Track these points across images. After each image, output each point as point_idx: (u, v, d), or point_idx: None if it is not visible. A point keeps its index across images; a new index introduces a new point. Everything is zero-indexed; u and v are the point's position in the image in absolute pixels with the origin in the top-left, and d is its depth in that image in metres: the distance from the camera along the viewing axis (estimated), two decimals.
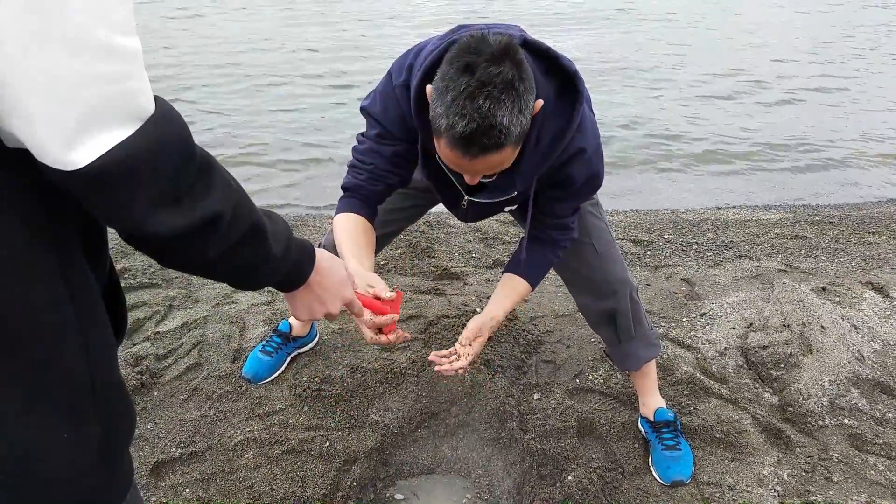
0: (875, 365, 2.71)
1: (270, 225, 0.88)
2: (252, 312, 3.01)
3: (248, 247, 0.83)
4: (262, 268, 0.88)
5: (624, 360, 2.28)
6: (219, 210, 0.75)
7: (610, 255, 2.13)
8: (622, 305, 2.15)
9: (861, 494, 2.13)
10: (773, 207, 5.05)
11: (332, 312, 1.08)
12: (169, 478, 2.12)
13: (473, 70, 1.30)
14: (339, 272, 1.08)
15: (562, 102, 1.55)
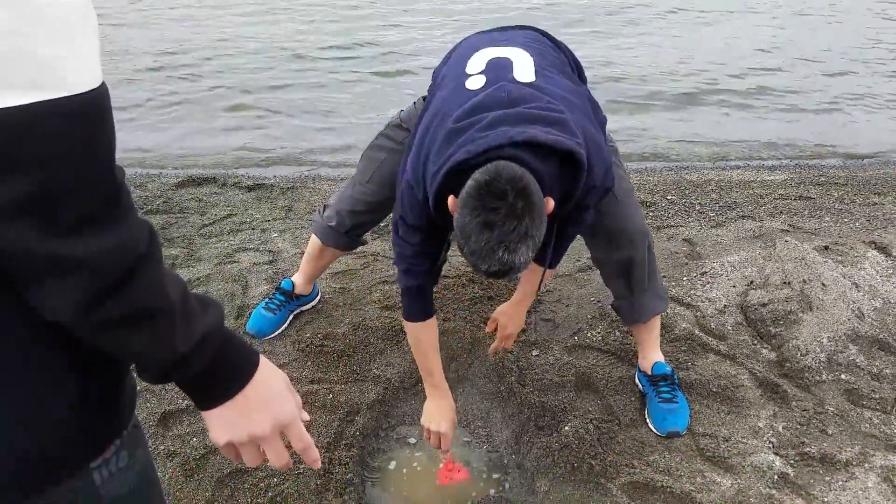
0: (875, 322, 2.72)
1: (182, 314, 0.74)
2: (254, 271, 3.04)
3: (130, 328, 0.70)
4: (146, 360, 0.75)
5: (634, 312, 2.29)
6: (104, 262, 0.65)
7: (629, 204, 2.14)
8: (639, 255, 2.16)
9: (855, 446, 2.16)
10: (778, 168, 5.02)
11: (259, 434, 0.84)
12: (176, 427, 2.17)
13: (492, 228, 1.45)
14: (273, 386, 0.86)
15: (565, 172, 1.65)
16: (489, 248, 1.46)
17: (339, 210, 2.45)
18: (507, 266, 1.48)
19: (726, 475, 2.05)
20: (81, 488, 0.80)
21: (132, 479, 0.85)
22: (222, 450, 0.87)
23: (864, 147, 5.59)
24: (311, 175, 4.54)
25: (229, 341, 0.82)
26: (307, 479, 1.99)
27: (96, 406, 0.79)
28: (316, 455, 0.92)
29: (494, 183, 1.46)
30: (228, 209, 3.75)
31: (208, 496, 1.94)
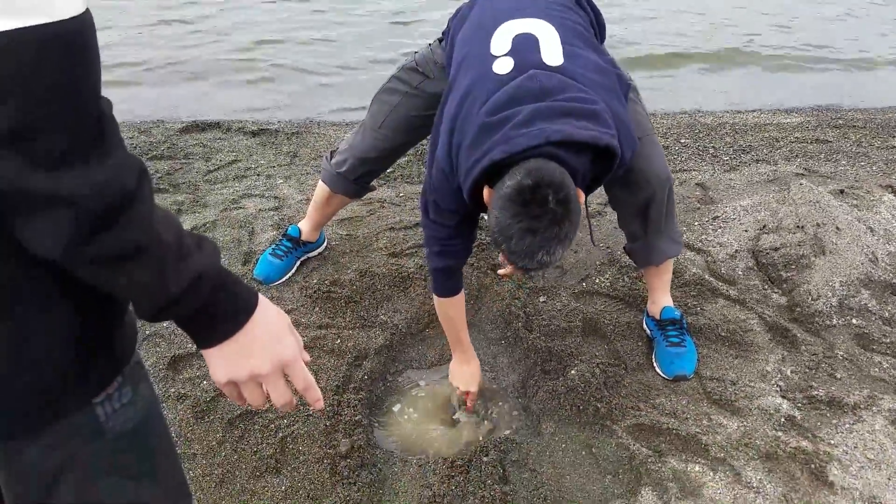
0: (888, 267, 2.68)
1: (176, 251, 0.73)
2: (260, 217, 3.03)
3: (121, 265, 0.69)
4: (140, 298, 0.74)
5: (648, 254, 2.26)
6: (87, 194, 0.63)
7: (650, 143, 2.10)
8: (658, 197, 2.12)
9: (863, 390, 2.15)
10: (794, 111, 4.91)
11: (260, 373, 0.84)
12: (186, 371, 2.20)
13: (535, 234, 1.50)
14: (275, 325, 0.86)
15: (598, 163, 1.68)
16: (530, 251, 1.52)
17: (349, 157, 2.42)
18: (543, 265, 1.57)
19: (732, 418, 2.06)
20: (85, 424, 0.80)
21: (136, 415, 0.85)
22: (223, 389, 0.87)
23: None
24: (317, 120, 4.48)
25: (226, 280, 0.81)
26: (316, 421, 2.02)
27: (96, 341, 0.79)
28: (318, 395, 0.92)
29: (538, 190, 1.49)
30: (233, 155, 3.72)
31: (219, 437, 1.97)
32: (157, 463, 0.92)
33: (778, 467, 1.87)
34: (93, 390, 0.80)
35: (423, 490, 1.83)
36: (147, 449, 0.89)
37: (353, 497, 1.78)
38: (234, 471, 1.89)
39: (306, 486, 1.84)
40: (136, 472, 0.87)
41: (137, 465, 0.87)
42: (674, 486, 1.84)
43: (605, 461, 1.92)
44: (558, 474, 1.89)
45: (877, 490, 1.80)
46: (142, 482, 0.88)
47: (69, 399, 0.78)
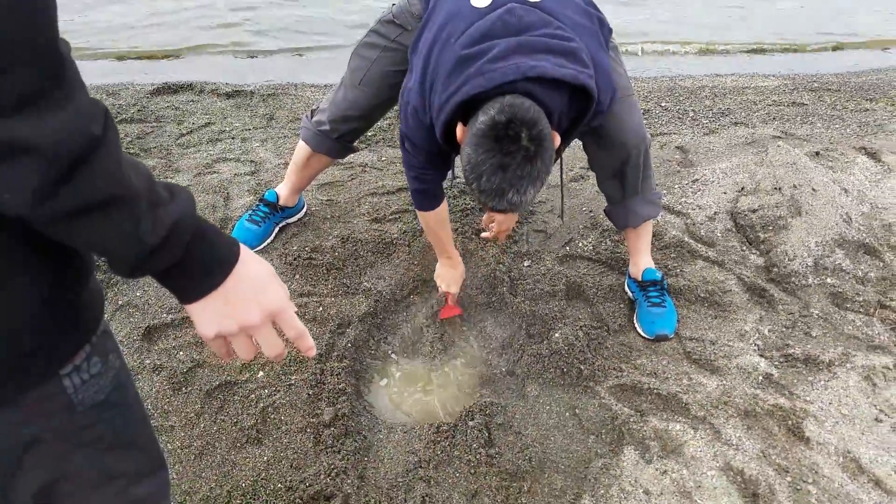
0: (861, 227, 2.72)
1: (149, 201, 0.69)
2: (236, 182, 2.97)
3: (93, 218, 0.65)
4: (116, 253, 0.70)
5: (625, 216, 2.26)
6: (51, 140, 0.59)
7: (628, 104, 2.08)
8: (634, 158, 2.12)
9: (838, 347, 2.19)
10: (771, 75, 4.91)
11: (248, 323, 0.81)
12: (161, 342, 2.16)
13: (506, 170, 1.47)
14: (259, 274, 0.82)
15: (574, 103, 1.66)
16: (500, 189, 1.50)
17: (330, 115, 2.36)
18: (514, 206, 1.53)
19: (712, 377, 2.09)
20: (53, 396, 0.77)
21: (107, 386, 0.83)
22: (211, 345, 0.84)
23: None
24: (294, 82, 4.37)
25: (205, 229, 0.77)
26: (299, 390, 2.01)
27: (60, 308, 0.75)
28: (311, 343, 0.89)
29: (511, 125, 1.46)
30: (206, 117, 3.63)
31: (197, 409, 1.95)
32: (131, 434, 0.89)
33: (756, 424, 1.91)
34: (59, 361, 0.77)
35: (408, 456, 1.84)
36: (119, 421, 0.86)
37: (337, 465, 1.78)
38: (214, 442, 1.87)
39: (289, 456, 1.83)
40: (109, 444, 0.85)
41: (110, 437, 0.85)
42: (655, 444, 1.86)
43: (588, 422, 1.94)
44: (543, 436, 1.90)
45: (851, 444, 1.85)
46: (115, 454, 0.86)
47: (34, 370, 0.75)
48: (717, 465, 1.80)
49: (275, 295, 0.83)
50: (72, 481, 0.82)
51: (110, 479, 0.86)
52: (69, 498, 0.83)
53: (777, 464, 1.79)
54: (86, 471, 0.83)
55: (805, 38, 5.70)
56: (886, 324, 2.29)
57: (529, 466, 1.80)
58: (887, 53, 5.53)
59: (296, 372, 2.07)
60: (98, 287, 0.84)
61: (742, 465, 1.79)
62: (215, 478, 1.78)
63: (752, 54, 5.42)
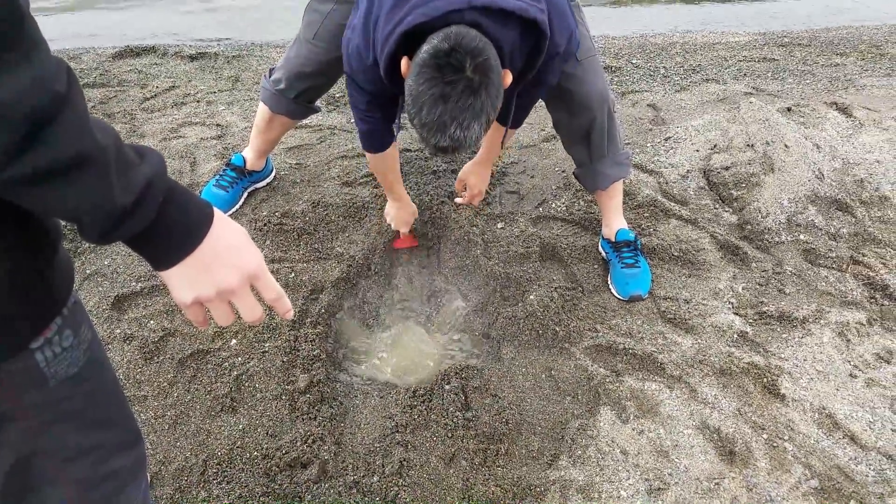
0: (834, 183, 2.73)
1: (118, 161, 0.66)
2: (202, 147, 2.89)
3: (61, 179, 0.61)
4: (87, 216, 0.66)
5: (594, 178, 2.25)
6: (16, 105, 0.56)
7: (590, 66, 2.04)
8: (598, 121, 2.09)
9: (811, 304, 2.21)
10: (742, 30, 4.89)
11: (227, 287, 0.79)
12: (131, 311, 2.11)
13: (447, 101, 1.39)
14: (234, 236, 0.80)
15: (526, 40, 1.57)
16: (441, 122, 1.42)
17: (286, 72, 2.28)
18: (457, 142, 1.44)
19: (687, 336, 2.10)
20: (25, 370, 0.75)
21: (79, 359, 0.81)
22: (188, 312, 0.81)
23: None
24: (259, 42, 4.24)
25: (176, 191, 0.74)
26: (273, 357, 1.97)
27: (28, 280, 0.72)
28: (288, 305, 0.87)
29: (454, 53, 1.39)
30: (170, 81, 3.51)
31: (170, 378, 1.91)
32: (105, 407, 0.88)
33: (732, 382, 1.93)
34: (29, 334, 0.74)
35: (385, 421, 1.82)
36: (93, 393, 0.85)
37: (314, 432, 1.76)
38: (187, 411, 1.84)
39: (265, 424, 1.81)
40: (84, 418, 0.84)
41: (85, 410, 0.83)
42: (631, 404, 1.87)
43: (564, 383, 1.94)
44: (519, 398, 1.90)
45: (826, 400, 1.87)
46: (91, 427, 0.85)
47: (4, 344, 0.72)
48: (694, 423, 1.81)
49: (252, 257, 0.81)
50: (47, 456, 0.81)
51: (86, 452, 0.85)
52: (45, 473, 0.82)
53: (753, 421, 1.81)
54: (60, 445, 0.82)
55: None
56: (859, 279, 2.32)
57: (506, 429, 1.80)
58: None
59: (269, 339, 2.04)
60: (67, 256, 0.80)
61: (718, 423, 1.81)
62: (190, 447, 1.75)
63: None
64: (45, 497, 0.82)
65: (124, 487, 0.90)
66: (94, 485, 0.86)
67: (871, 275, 2.32)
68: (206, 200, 0.79)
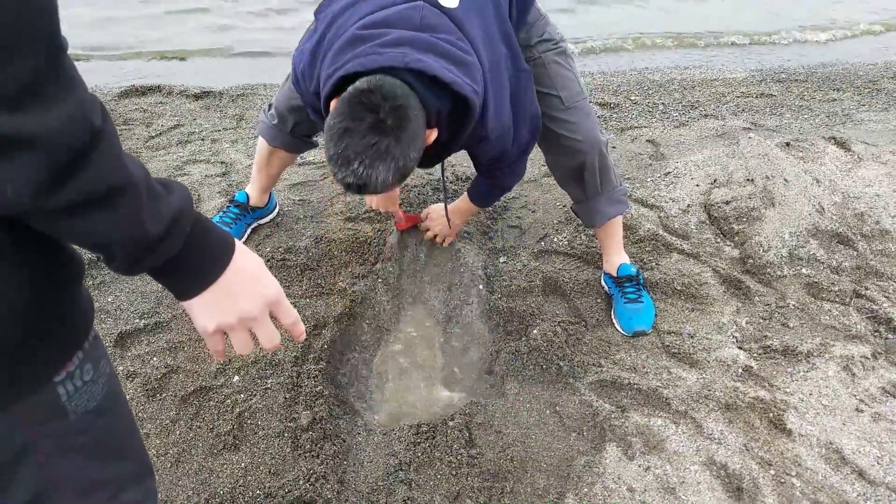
0: (834, 217, 2.75)
1: (148, 192, 0.68)
2: (207, 184, 2.91)
3: (95, 210, 0.64)
4: (119, 246, 0.68)
5: (590, 216, 2.27)
6: (54, 133, 0.58)
7: (579, 109, 2.08)
8: (590, 162, 2.12)
9: (815, 338, 2.21)
10: (739, 67, 4.96)
11: (249, 315, 0.81)
12: (135, 348, 2.10)
13: (352, 135, 1.39)
14: (254, 265, 0.83)
15: (456, 115, 1.60)
16: (345, 157, 1.41)
17: (280, 106, 2.31)
18: (361, 181, 1.43)
19: (692, 370, 2.09)
20: (47, 404, 0.76)
21: (98, 393, 0.82)
22: (209, 341, 0.83)
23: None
24: (263, 82, 4.30)
25: (201, 222, 0.77)
26: (275, 394, 1.96)
27: (52, 312, 0.73)
28: (303, 328, 0.91)
29: (370, 94, 1.40)
30: (175, 119, 3.55)
31: (172, 415, 1.90)
32: (121, 441, 0.89)
33: (738, 417, 1.91)
34: (53, 367, 0.75)
35: (388, 458, 1.81)
36: (110, 427, 0.86)
37: (316, 470, 1.75)
38: (190, 449, 1.82)
39: (267, 462, 1.79)
40: (101, 452, 0.85)
41: (101, 444, 0.84)
42: (637, 440, 1.85)
43: (569, 419, 1.93)
44: (524, 434, 1.88)
45: (833, 435, 1.86)
46: (106, 461, 0.86)
47: (28, 377, 0.73)
48: (700, 459, 1.80)
49: (272, 284, 0.84)
50: (63, 488, 0.81)
51: (100, 485, 0.85)
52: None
53: (760, 457, 1.79)
54: (76, 477, 0.82)
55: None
56: (862, 313, 2.31)
57: (511, 466, 1.78)
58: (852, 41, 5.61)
59: (272, 375, 2.03)
60: (87, 291, 0.82)
61: (725, 459, 1.79)
62: (192, 486, 1.73)
63: (721, 48, 5.45)
64: None
65: None
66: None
67: (875, 308, 2.32)
68: (226, 231, 0.81)
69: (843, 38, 5.83)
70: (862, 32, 5.97)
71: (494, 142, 1.76)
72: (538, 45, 2.06)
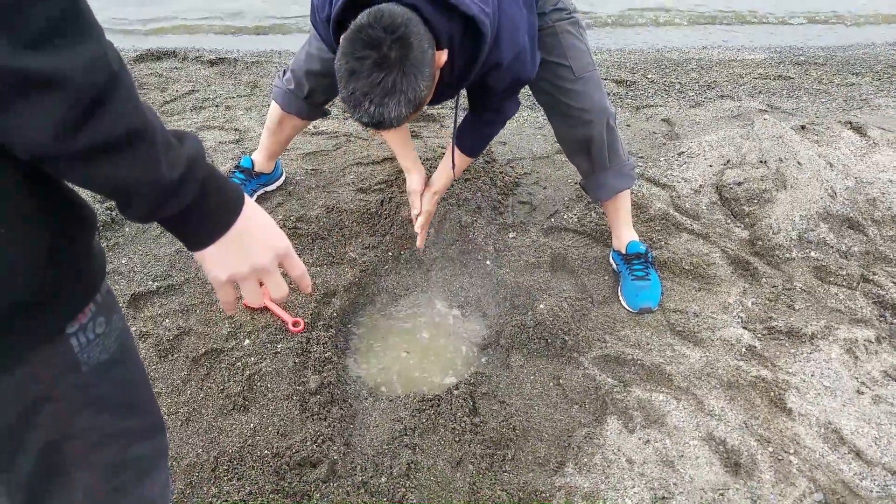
0: (846, 201, 2.74)
1: (163, 140, 0.70)
2: (220, 150, 2.94)
3: (115, 154, 0.65)
4: (137, 191, 0.69)
5: (597, 189, 2.29)
6: (77, 74, 0.59)
7: (588, 80, 2.09)
8: (597, 133, 2.13)
9: (820, 321, 2.22)
10: (758, 48, 4.90)
11: (260, 265, 0.83)
12: (147, 309, 2.14)
13: (358, 76, 1.40)
14: (264, 217, 0.85)
15: (468, 39, 1.60)
16: (355, 99, 1.43)
17: (296, 71, 2.31)
18: (376, 119, 1.45)
19: (695, 348, 2.11)
20: (60, 355, 0.77)
21: (111, 346, 0.83)
22: (220, 291, 0.85)
23: None
24: (278, 49, 4.30)
25: (213, 172, 0.78)
26: (285, 358, 2.00)
27: (67, 261, 0.75)
28: (309, 281, 0.93)
29: (368, 29, 1.41)
30: (190, 85, 3.57)
31: (184, 376, 1.94)
32: (133, 395, 0.90)
33: (739, 395, 1.94)
34: (66, 316, 0.77)
35: (393, 424, 1.85)
36: (122, 381, 0.87)
37: (323, 432, 1.79)
38: (200, 409, 1.87)
39: (276, 423, 1.83)
40: (112, 405, 0.86)
41: (113, 397, 0.85)
42: (638, 414, 1.88)
43: (571, 391, 1.96)
44: (526, 405, 1.92)
45: (832, 416, 1.88)
46: (118, 414, 0.87)
47: (42, 326, 0.74)
48: (700, 434, 1.82)
49: (282, 236, 0.86)
50: (77, 440, 0.83)
51: (111, 437, 0.86)
52: (74, 456, 0.83)
53: (759, 434, 1.82)
54: (88, 429, 0.83)
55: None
56: (869, 297, 2.32)
57: (513, 435, 1.81)
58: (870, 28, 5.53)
59: (282, 340, 2.07)
60: (100, 245, 0.83)
61: (724, 435, 1.82)
62: (202, 444, 1.78)
63: (741, 25, 5.39)
64: (71, 481, 0.83)
65: (145, 475, 0.92)
66: (118, 471, 0.88)
67: (882, 293, 2.32)
68: (235, 183, 0.82)
69: (864, 23, 5.74)
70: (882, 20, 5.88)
71: (508, 68, 1.75)
72: (551, 14, 2.06)
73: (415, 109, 1.49)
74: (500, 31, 1.64)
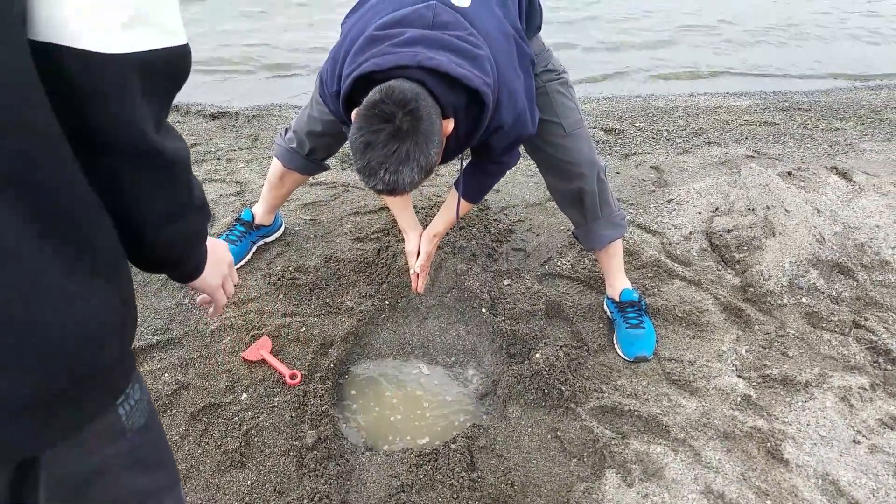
0: (835, 247, 2.79)
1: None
2: (221, 203, 2.97)
3: (198, 217, 0.89)
4: (195, 247, 0.96)
5: (589, 239, 2.33)
6: (181, 156, 0.80)
7: (578, 136, 2.17)
8: (589, 186, 2.20)
9: (814, 368, 2.24)
10: (744, 94, 5.02)
11: (225, 273, 1.14)
12: (147, 363, 2.15)
13: (374, 148, 1.50)
14: (212, 241, 1.10)
15: (471, 109, 1.69)
16: (371, 168, 1.52)
17: (298, 131, 2.39)
18: (391, 186, 1.54)
19: (691, 398, 2.12)
20: (111, 424, 0.82)
21: (145, 410, 0.88)
22: (216, 295, 1.14)
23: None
24: (278, 103, 4.37)
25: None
26: (282, 412, 2.00)
27: (128, 329, 0.80)
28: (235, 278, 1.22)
29: (381, 105, 1.49)
30: (192, 139, 3.62)
31: (181, 431, 1.94)
32: (161, 453, 0.96)
33: (736, 447, 1.94)
34: (122, 386, 0.83)
35: (390, 480, 1.84)
36: (154, 441, 0.93)
37: (320, 490, 1.78)
38: (198, 465, 1.86)
39: (272, 480, 1.83)
40: (150, 464, 0.91)
41: (150, 456, 0.91)
42: (637, 467, 1.89)
43: (570, 444, 1.96)
44: (525, 459, 1.92)
45: (829, 467, 1.89)
46: (155, 472, 0.93)
47: (104, 397, 0.80)
48: (698, 488, 1.83)
49: (227, 253, 1.16)
50: (123, 503, 0.88)
51: (150, 495, 0.92)
52: None
53: (757, 487, 1.82)
54: (134, 491, 0.89)
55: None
56: (861, 343, 2.35)
57: (512, 490, 1.81)
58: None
59: (279, 393, 2.07)
60: None
61: (722, 488, 1.82)
62: (200, 502, 1.77)
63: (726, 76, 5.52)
64: None
65: None
66: None
67: (874, 339, 2.35)
68: None
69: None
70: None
71: (509, 130, 1.82)
72: (542, 75, 2.15)
73: (426, 175, 1.57)
74: (501, 97, 1.72)
